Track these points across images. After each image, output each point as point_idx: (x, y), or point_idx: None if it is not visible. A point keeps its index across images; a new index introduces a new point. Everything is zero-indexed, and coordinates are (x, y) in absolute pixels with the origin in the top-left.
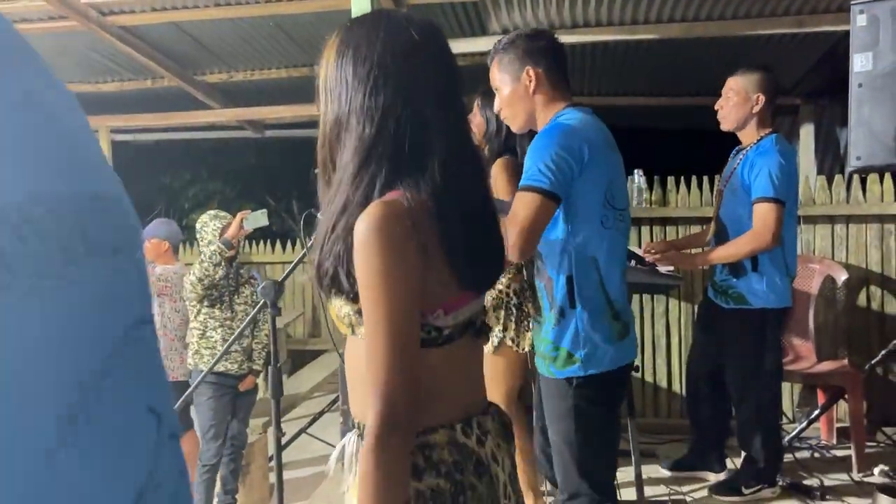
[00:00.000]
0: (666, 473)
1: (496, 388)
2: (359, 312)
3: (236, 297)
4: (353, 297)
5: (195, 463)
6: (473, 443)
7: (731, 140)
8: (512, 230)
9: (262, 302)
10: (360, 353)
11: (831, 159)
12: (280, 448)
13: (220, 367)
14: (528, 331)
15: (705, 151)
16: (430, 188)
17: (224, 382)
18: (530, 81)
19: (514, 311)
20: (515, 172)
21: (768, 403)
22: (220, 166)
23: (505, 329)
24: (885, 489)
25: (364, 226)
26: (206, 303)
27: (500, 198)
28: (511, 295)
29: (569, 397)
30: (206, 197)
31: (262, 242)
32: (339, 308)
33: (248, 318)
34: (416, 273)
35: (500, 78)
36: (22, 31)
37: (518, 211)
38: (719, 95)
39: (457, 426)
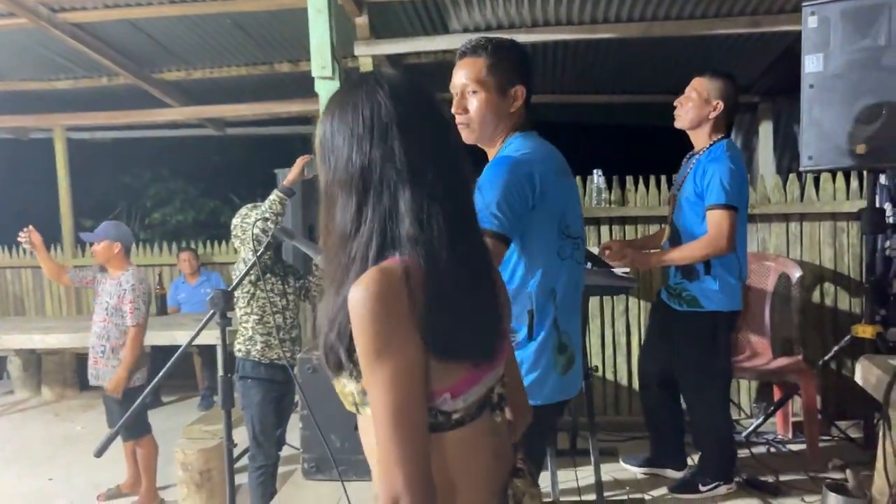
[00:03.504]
0: (626, 473)
1: None
2: (363, 392)
3: (287, 286)
4: (356, 376)
5: (153, 467)
6: None
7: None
8: None
9: (211, 312)
10: (371, 432)
11: (790, 157)
12: (232, 461)
13: (273, 355)
14: None
15: (666, 149)
16: (428, 253)
17: (274, 377)
18: (516, 100)
19: None
20: None
21: (720, 403)
22: (182, 165)
23: None
24: (834, 487)
25: (358, 295)
26: (261, 286)
27: None
28: None
29: None
30: (168, 196)
31: (223, 242)
32: (343, 386)
33: (200, 325)
34: (418, 347)
35: (485, 80)
36: None
37: None
38: (680, 93)
39: None
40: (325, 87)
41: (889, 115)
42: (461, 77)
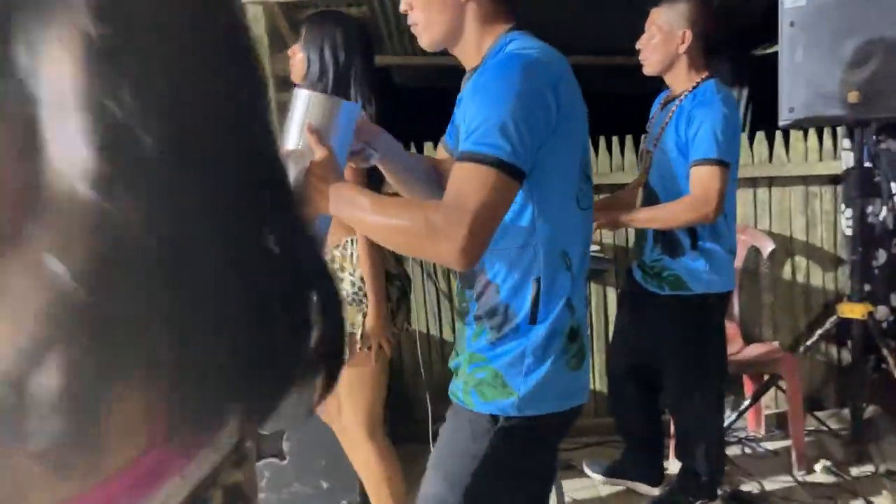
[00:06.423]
0: (588, 492)
1: (352, 409)
2: None
3: None
4: None
5: None
6: None
7: (642, 100)
8: (458, 223)
9: None
10: None
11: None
12: None
13: None
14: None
15: (615, 112)
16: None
17: None
18: None
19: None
20: None
21: (712, 406)
22: None
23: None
24: None
25: None
26: None
27: None
28: (362, 285)
29: (484, 439)
30: None
31: None
32: None
33: None
34: None
35: None
36: None
37: (465, 193)
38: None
39: None
40: None
41: (884, 56)
42: None
